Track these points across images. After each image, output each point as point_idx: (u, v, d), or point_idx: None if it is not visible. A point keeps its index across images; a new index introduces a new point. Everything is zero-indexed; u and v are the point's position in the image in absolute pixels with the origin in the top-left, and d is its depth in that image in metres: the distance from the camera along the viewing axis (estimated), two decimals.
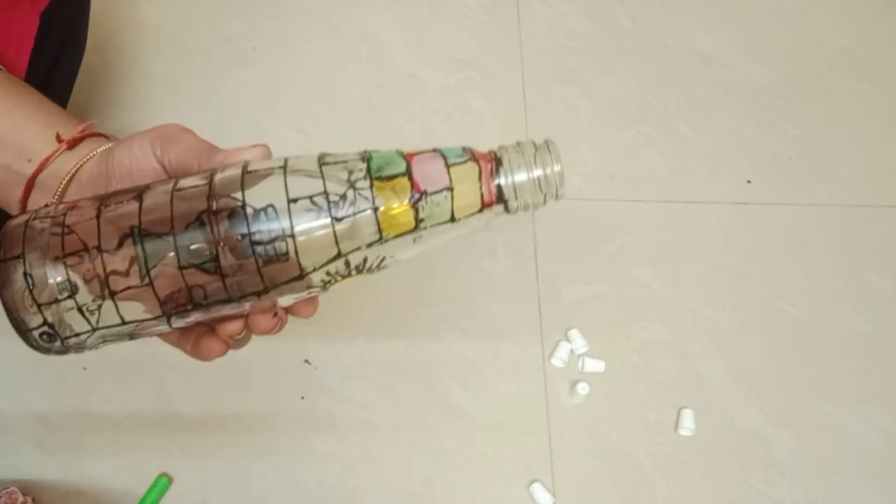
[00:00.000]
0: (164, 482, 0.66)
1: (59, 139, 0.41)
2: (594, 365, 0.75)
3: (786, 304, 0.82)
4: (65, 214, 0.33)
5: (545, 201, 0.33)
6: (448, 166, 0.32)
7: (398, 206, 0.32)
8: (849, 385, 0.77)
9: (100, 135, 0.42)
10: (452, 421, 0.72)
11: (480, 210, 0.33)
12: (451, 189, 0.32)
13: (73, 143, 0.41)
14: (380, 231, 0.32)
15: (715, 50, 1.04)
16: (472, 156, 0.33)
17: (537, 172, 0.32)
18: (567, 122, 0.95)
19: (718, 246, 0.86)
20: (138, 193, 0.33)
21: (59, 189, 0.39)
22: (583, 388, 0.73)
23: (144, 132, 0.38)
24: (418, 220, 0.32)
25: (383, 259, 0.33)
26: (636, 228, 0.86)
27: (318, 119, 0.92)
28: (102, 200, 0.33)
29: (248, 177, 0.32)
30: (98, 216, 0.32)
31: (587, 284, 0.81)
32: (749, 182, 0.91)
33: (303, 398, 0.72)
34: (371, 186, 0.32)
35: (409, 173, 0.32)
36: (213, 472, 0.68)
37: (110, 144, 0.40)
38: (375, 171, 0.32)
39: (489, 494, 0.69)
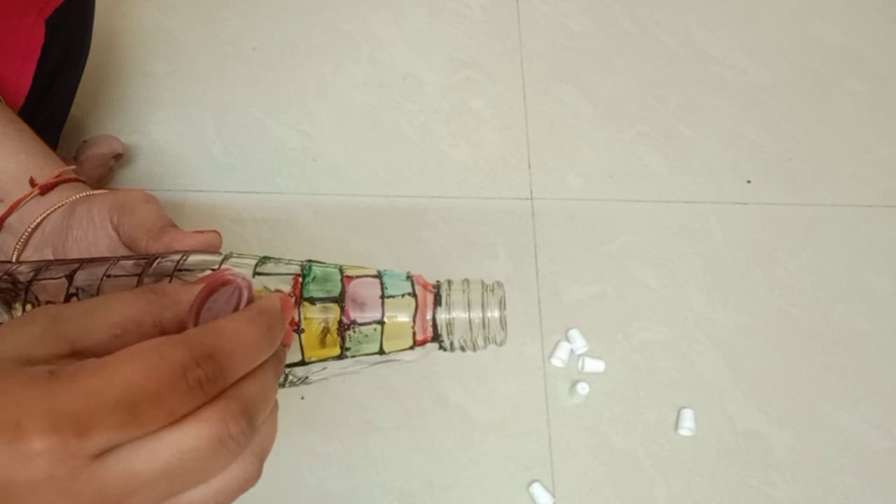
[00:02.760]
0: None
1: (32, 184, 0.41)
2: (594, 365, 0.75)
3: (786, 304, 0.82)
4: (6, 273, 0.33)
5: (485, 345, 0.31)
6: (383, 297, 0.30)
7: (323, 333, 0.30)
8: (849, 385, 0.77)
9: (76, 180, 0.42)
10: (452, 421, 0.72)
11: (412, 347, 0.31)
12: (381, 323, 0.30)
13: (46, 189, 0.41)
14: (302, 353, 0.30)
15: (715, 50, 1.04)
16: (412, 288, 0.31)
17: (476, 315, 0.30)
18: (567, 122, 0.95)
19: (718, 246, 0.86)
20: (71, 272, 0.32)
21: (23, 237, 0.39)
22: (583, 388, 0.73)
23: (107, 196, 0.37)
24: (344, 349, 0.30)
25: (307, 377, 0.32)
26: (636, 228, 0.86)
27: (318, 119, 0.92)
28: (39, 270, 0.33)
29: (177, 275, 0.30)
30: (28, 286, 0.32)
31: (587, 284, 0.81)
32: (749, 182, 0.91)
33: (303, 398, 0.72)
34: (299, 306, 0.30)
35: (341, 298, 0.30)
36: None
37: (82, 195, 0.40)
38: (307, 291, 0.30)
39: (489, 494, 0.69)
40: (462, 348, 0.31)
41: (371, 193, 0.86)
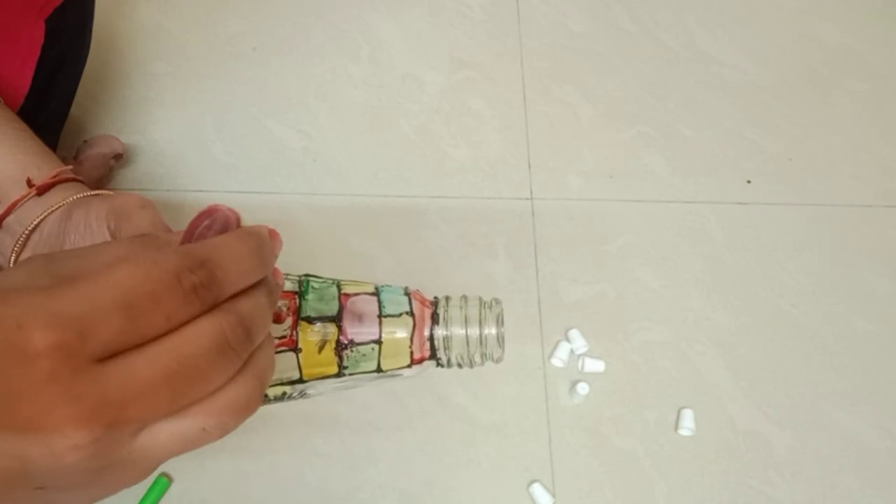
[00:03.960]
0: (164, 482, 0.66)
1: (29, 184, 0.41)
2: (594, 365, 0.75)
3: (786, 304, 0.82)
4: None
5: (482, 362, 0.31)
6: (381, 316, 0.30)
7: (321, 352, 0.30)
8: (849, 385, 0.77)
9: (73, 179, 0.42)
10: (453, 421, 0.72)
11: (409, 365, 0.31)
12: (379, 342, 0.30)
13: (43, 190, 0.40)
14: (300, 371, 0.30)
15: (715, 50, 1.04)
16: (410, 305, 0.31)
17: (473, 332, 0.30)
18: (567, 122, 0.95)
19: (718, 246, 0.86)
20: None
21: (21, 239, 0.39)
22: (583, 388, 0.73)
23: (104, 201, 0.37)
24: (342, 367, 0.30)
25: (304, 392, 0.32)
26: (636, 228, 0.86)
27: (318, 119, 0.92)
28: None
29: None
30: None
31: (587, 284, 0.81)
32: (749, 182, 0.91)
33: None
34: (296, 325, 0.30)
35: (339, 318, 0.30)
36: (214, 472, 0.68)
37: (79, 196, 0.40)
38: (305, 310, 0.30)
39: (489, 495, 0.69)
40: (459, 365, 0.31)
41: (371, 193, 0.86)
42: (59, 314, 0.19)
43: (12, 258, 0.39)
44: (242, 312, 0.23)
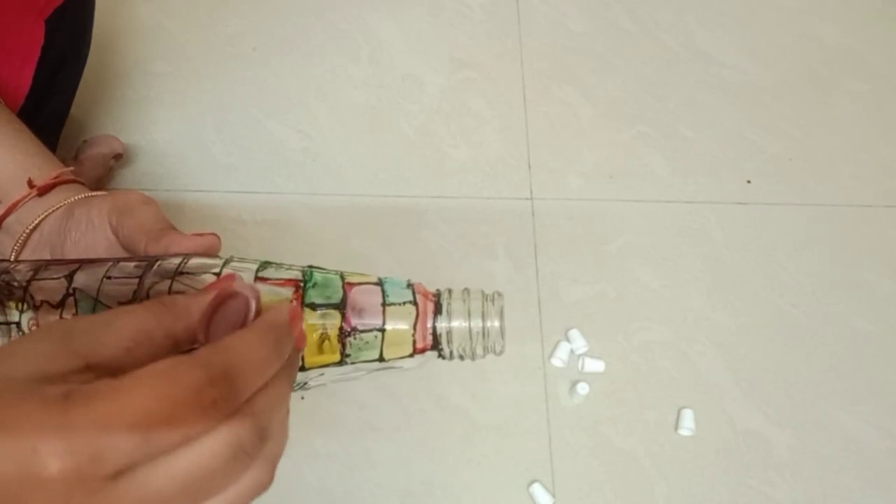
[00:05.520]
0: None
1: (30, 184, 0.41)
2: (594, 365, 0.75)
3: (786, 304, 0.82)
4: (4, 272, 0.33)
5: (484, 354, 0.31)
6: (384, 305, 0.30)
7: (324, 339, 0.30)
8: (849, 385, 0.77)
9: (73, 181, 0.42)
10: (452, 421, 0.72)
11: (411, 355, 0.31)
12: (382, 330, 0.30)
13: (44, 191, 0.40)
14: (302, 359, 0.30)
15: (715, 50, 1.04)
16: (413, 296, 0.31)
17: (476, 324, 0.30)
18: (567, 122, 0.95)
19: (718, 246, 0.86)
20: (71, 272, 0.32)
21: (21, 239, 0.39)
22: (583, 388, 0.73)
23: (106, 198, 0.37)
24: (344, 355, 0.30)
25: (306, 383, 0.32)
26: (636, 228, 0.86)
27: (318, 119, 0.92)
28: (38, 270, 0.32)
29: (178, 279, 0.30)
30: (26, 286, 0.31)
31: (587, 284, 0.81)
32: (749, 182, 0.91)
33: (303, 398, 0.72)
34: (301, 314, 0.29)
35: (342, 305, 0.30)
36: None
37: (80, 196, 0.40)
38: (308, 297, 0.30)
39: (489, 495, 0.69)
40: (461, 357, 0.31)
41: (371, 193, 0.86)
42: (73, 438, 0.19)
43: (12, 257, 0.39)
44: (259, 411, 0.23)
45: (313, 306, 0.30)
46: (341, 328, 0.30)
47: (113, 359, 0.22)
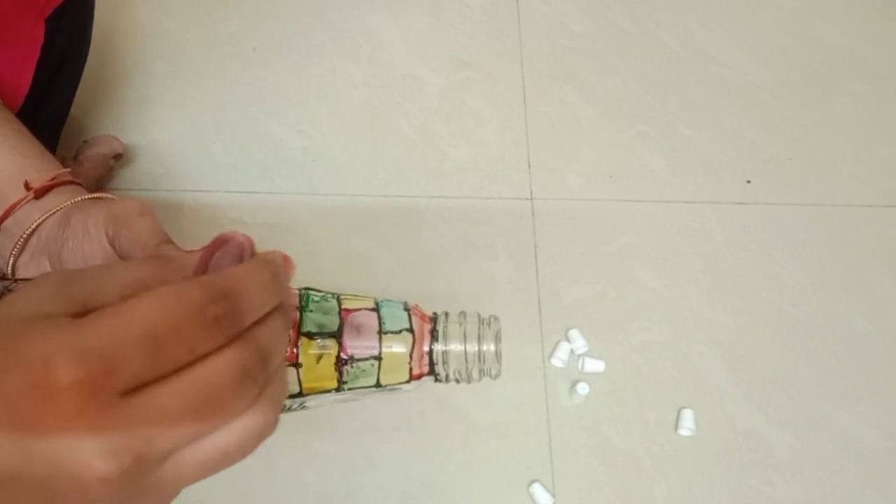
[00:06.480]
0: None
1: (27, 187, 0.41)
2: (594, 365, 0.75)
3: (786, 304, 0.82)
4: (6, 290, 0.32)
5: (480, 377, 0.31)
6: (381, 333, 0.31)
7: (321, 367, 0.30)
8: (849, 385, 0.77)
9: (71, 182, 0.42)
10: (452, 422, 0.72)
11: (408, 381, 0.31)
12: (379, 358, 0.31)
13: (41, 193, 0.40)
14: (300, 385, 0.31)
15: (715, 50, 1.04)
16: (410, 321, 0.31)
17: (472, 348, 0.31)
18: (567, 122, 0.95)
19: (718, 246, 0.86)
20: None
21: (20, 242, 0.39)
22: (583, 388, 0.73)
23: (102, 207, 0.37)
24: (341, 382, 0.31)
25: (304, 404, 0.32)
26: (636, 228, 0.86)
27: (318, 119, 0.92)
28: None
29: None
30: None
31: (587, 284, 0.81)
32: (749, 182, 0.91)
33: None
34: (297, 341, 0.30)
35: (339, 333, 0.30)
36: None
37: (77, 200, 0.39)
38: (305, 325, 0.30)
39: (490, 495, 0.69)
40: (457, 380, 0.32)
41: (371, 193, 0.86)
42: (84, 350, 0.19)
43: (11, 261, 0.39)
44: (261, 341, 0.23)
45: (310, 335, 0.30)
46: (338, 357, 0.30)
47: (110, 304, 0.23)
